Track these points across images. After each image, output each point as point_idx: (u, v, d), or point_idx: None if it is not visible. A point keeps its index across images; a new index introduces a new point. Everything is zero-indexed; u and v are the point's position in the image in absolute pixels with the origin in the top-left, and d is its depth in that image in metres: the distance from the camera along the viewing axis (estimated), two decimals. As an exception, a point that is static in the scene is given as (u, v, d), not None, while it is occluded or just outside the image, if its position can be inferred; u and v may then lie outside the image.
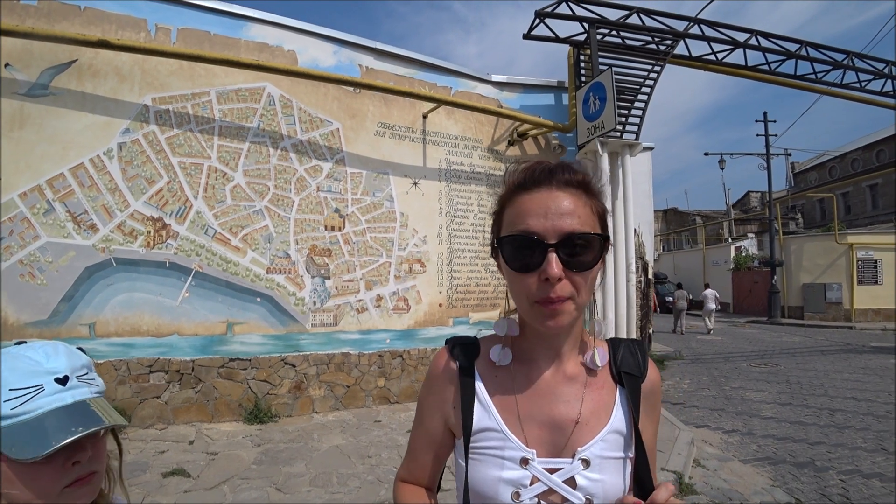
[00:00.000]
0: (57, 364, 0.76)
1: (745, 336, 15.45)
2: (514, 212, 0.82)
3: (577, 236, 0.76)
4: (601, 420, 0.84)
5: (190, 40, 5.66)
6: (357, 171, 6.57)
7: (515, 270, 0.79)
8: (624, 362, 0.90)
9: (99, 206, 5.26)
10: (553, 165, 0.83)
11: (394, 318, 6.73)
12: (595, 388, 0.87)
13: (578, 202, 0.80)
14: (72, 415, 0.74)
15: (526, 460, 0.82)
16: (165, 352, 5.38)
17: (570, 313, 0.78)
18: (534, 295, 0.77)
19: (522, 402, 0.86)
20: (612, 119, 6.44)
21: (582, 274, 0.77)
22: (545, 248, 0.76)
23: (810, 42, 8.40)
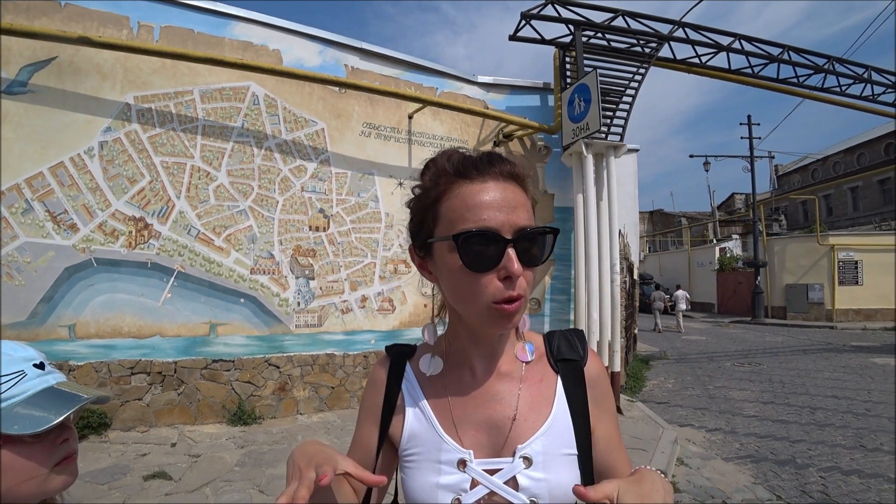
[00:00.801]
0: (29, 353, 0.80)
1: (729, 336, 15.63)
2: (461, 203, 0.74)
3: (531, 231, 0.73)
4: (541, 414, 0.80)
5: (173, 38, 5.60)
6: (342, 172, 6.54)
7: (473, 270, 0.72)
8: (560, 350, 0.87)
9: (79, 206, 5.18)
10: (489, 155, 0.78)
11: (379, 319, 6.71)
12: (532, 382, 0.83)
13: (521, 195, 0.76)
14: (56, 395, 0.78)
15: (464, 462, 0.78)
16: (147, 353, 5.31)
17: (521, 312, 0.75)
18: (492, 295, 0.71)
19: (456, 404, 0.82)
20: (596, 121, 6.48)
21: (532, 270, 0.75)
22: (504, 244, 0.71)
23: (792, 46, 8.52)
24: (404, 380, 0.89)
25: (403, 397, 0.87)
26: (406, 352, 0.93)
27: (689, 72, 8.24)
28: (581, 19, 7.14)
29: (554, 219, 7.90)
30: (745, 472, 4.48)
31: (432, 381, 0.86)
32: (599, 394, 0.86)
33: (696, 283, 27.77)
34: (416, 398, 0.86)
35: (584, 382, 0.84)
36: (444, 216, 0.76)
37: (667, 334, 16.44)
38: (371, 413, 0.89)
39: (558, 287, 7.85)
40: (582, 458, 0.80)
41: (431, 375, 0.86)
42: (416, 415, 0.84)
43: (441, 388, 0.85)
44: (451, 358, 0.87)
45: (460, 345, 0.85)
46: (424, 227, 0.81)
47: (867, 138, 30.83)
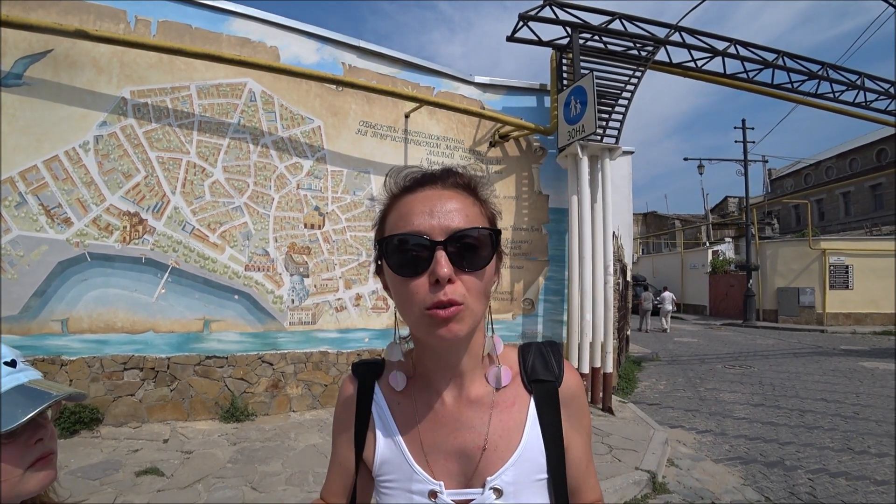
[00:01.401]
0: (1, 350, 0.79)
1: (721, 338, 15.74)
2: (398, 214, 0.75)
3: (466, 233, 0.71)
4: (511, 443, 0.78)
5: (170, 33, 5.58)
6: (338, 170, 6.55)
7: (401, 275, 0.71)
8: (534, 369, 0.84)
9: (73, 200, 5.16)
10: (439, 170, 0.79)
11: (373, 317, 6.72)
12: (504, 408, 0.81)
13: (466, 202, 0.75)
14: (29, 392, 0.77)
15: (434, 493, 0.77)
16: (140, 349, 5.30)
17: (464, 320, 0.70)
18: (423, 301, 0.69)
19: (426, 431, 0.81)
20: (592, 123, 6.51)
21: (474, 274, 0.71)
22: (433, 247, 0.69)
23: (787, 52, 8.60)
24: (374, 402, 0.87)
25: (374, 420, 0.86)
26: (374, 371, 0.91)
27: (685, 75, 8.29)
28: (578, 22, 7.17)
29: (549, 220, 7.94)
30: (734, 474, 4.53)
31: (401, 404, 0.85)
32: (573, 413, 0.83)
33: (688, 286, 27.93)
34: (386, 422, 0.84)
35: (558, 403, 0.82)
36: (386, 230, 0.77)
37: (658, 336, 16.54)
38: (344, 433, 0.89)
39: (552, 288, 7.89)
40: (554, 481, 0.79)
41: (401, 398, 0.85)
42: (386, 441, 0.83)
43: (411, 412, 0.83)
44: (418, 380, 0.85)
45: (427, 366, 0.83)
46: (376, 245, 0.81)
47: (859, 144, 31.08)
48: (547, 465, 0.78)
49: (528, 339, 7.65)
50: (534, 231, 7.91)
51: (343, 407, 0.90)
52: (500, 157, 7.82)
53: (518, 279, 7.74)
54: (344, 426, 0.89)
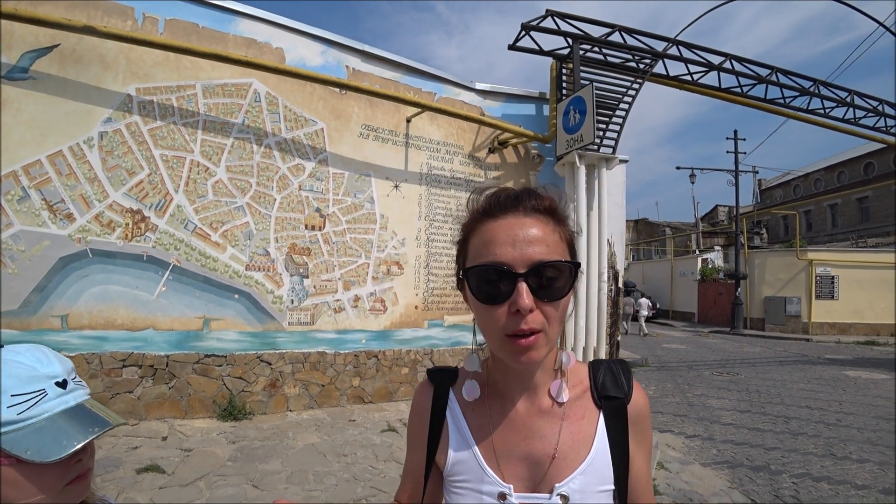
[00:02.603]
0: (53, 369, 0.77)
1: (709, 346, 15.95)
2: (480, 241, 0.78)
3: (546, 265, 0.73)
4: (580, 453, 0.81)
5: (177, 32, 5.62)
6: (339, 172, 6.61)
7: (483, 303, 0.75)
8: (605, 386, 0.87)
9: (77, 196, 5.18)
10: (519, 191, 0.81)
11: (370, 319, 6.79)
12: (574, 420, 0.84)
13: (546, 228, 0.77)
14: (78, 416, 0.77)
15: (504, 495, 0.80)
16: (140, 346, 5.32)
17: (542, 347, 0.74)
18: (504, 328, 0.73)
19: (498, 437, 0.84)
20: (590, 133, 6.63)
21: (553, 304, 0.74)
22: (514, 278, 0.72)
23: (780, 68, 8.79)
24: (448, 407, 0.91)
25: (448, 425, 0.90)
26: (448, 378, 0.95)
27: (682, 88, 8.45)
28: (579, 33, 7.29)
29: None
30: (721, 477, 4.64)
31: (475, 411, 0.88)
32: (639, 430, 0.86)
33: (677, 293, 28.22)
34: (459, 427, 0.88)
35: (626, 420, 0.85)
36: (470, 253, 0.81)
37: (647, 342, 16.73)
38: (417, 440, 0.93)
39: (546, 293, 7.98)
40: (619, 493, 0.82)
41: (475, 404, 0.89)
42: (459, 443, 0.87)
43: (484, 418, 0.87)
44: (493, 388, 0.89)
45: (501, 377, 0.87)
46: (459, 262, 0.85)
47: (848, 157, 31.63)
48: (613, 477, 0.82)
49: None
50: (530, 236, 8.00)
51: (418, 412, 0.94)
52: (499, 164, 7.93)
53: (513, 284, 7.84)
54: (418, 431, 0.93)
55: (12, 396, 0.72)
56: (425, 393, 0.95)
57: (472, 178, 7.68)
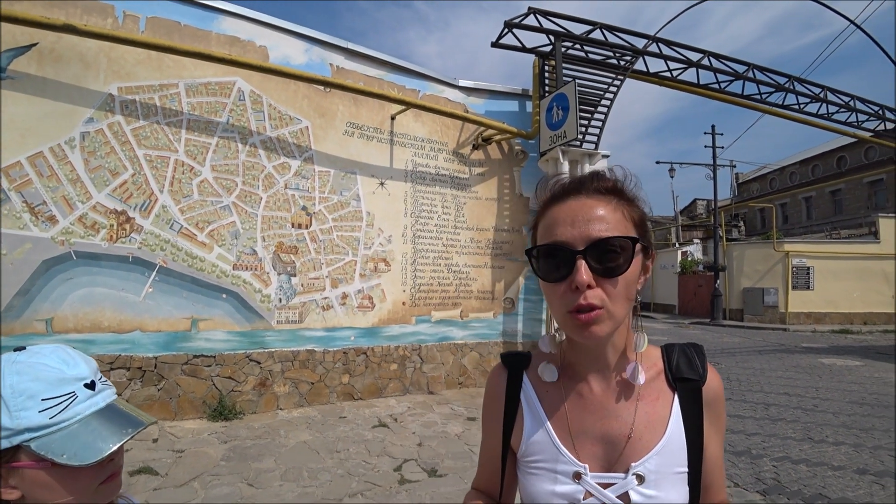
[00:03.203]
0: (80, 370, 0.77)
1: (690, 336, 16.25)
2: (545, 224, 0.82)
3: (604, 241, 0.75)
4: (656, 434, 0.82)
5: (159, 30, 5.56)
6: (325, 170, 6.61)
7: (547, 281, 0.79)
8: (679, 368, 0.86)
9: (59, 198, 5.11)
10: (585, 175, 0.83)
11: (358, 316, 6.81)
12: (649, 401, 0.84)
13: (608, 207, 0.79)
14: (109, 417, 0.77)
15: (579, 475, 0.81)
16: (127, 348, 5.28)
17: (604, 323, 0.75)
18: (566, 304, 0.76)
19: (574, 417, 0.85)
20: (573, 129, 6.73)
21: (612, 280, 0.75)
22: (573, 256, 0.75)
23: (757, 65, 9.00)
24: (522, 390, 0.92)
25: (522, 407, 0.91)
26: (522, 361, 0.96)
27: (661, 84, 8.60)
28: (561, 30, 7.39)
29: (529, 221, 8.13)
30: (706, 466, 4.78)
31: (549, 392, 0.89)
32: (714, 414, 0.86)
33: (658, 285, 28.65)
34: (534, 408, 0.89)
35: (701, 402, 0.85)
36: (538, 237, 0.85)
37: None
38: (493, 426, 0.95)
39: (532, 287, 8.10)
40: (692, 475, 0.81)
41: (550, 386, 0.90)
42: (534, 424, 0.88)
43: (558, 399, 0.88)
44: (567, 370, 0.89)
45: (576, 358, 0.88)
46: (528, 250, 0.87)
47: (821, 151, 32.38)
48: (688, 459, 0.81)
49: (509, 337, 7.88)
50: (514, 232, 8.10)
51: (492, 397, 0.96)
52: (483, 160, 7.99)
53: (499, 279, 7.93)
54: (493, 415, 0.95)
55: (43, 401, 0.71)
56: (499, 377, 0.96)
57: (456, 174, 7.74)
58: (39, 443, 0.70)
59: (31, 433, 0.70)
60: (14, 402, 0.69)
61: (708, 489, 0.86)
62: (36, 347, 0.77)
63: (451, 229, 7.65)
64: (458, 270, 7.66)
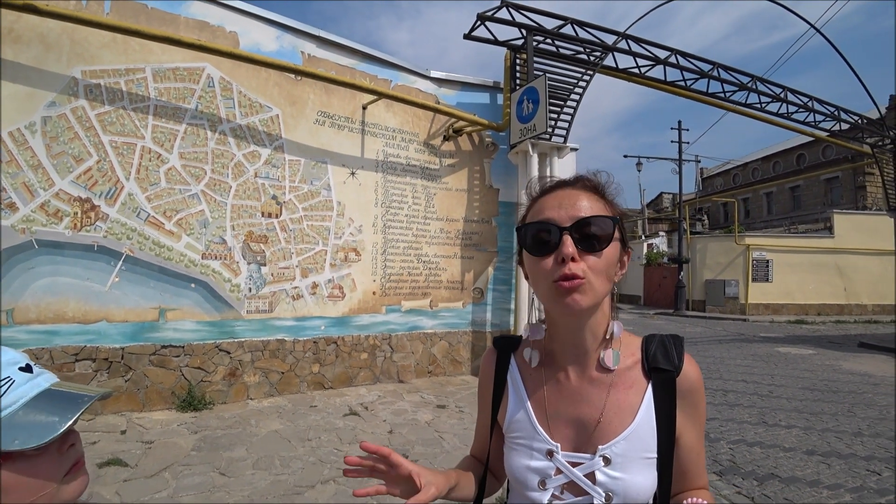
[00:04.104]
0: (11, 356, 0.71)
1: (654, 326, 16.71)
2: (534, 211, 0.90)
3: (587, 219, 0.83)
4: (624, 420, 0.87)
5: (125, 12, 5.41)
6: (295, 159, 6.57)
7: (534, 255, 0.86)
8: (655, 358, 0.91)
9: (19, 184, 4.96)
10: (573, 177, 0.93)
11: (329, 306, 6.82)
12: (621, 389, 0.90)
13: (592, 198, 0.88)
14: (54, 398, 0.70)
15: (551, 452, 0.89)
16: (93, 339, 5.18)
17: (586, 293, 0.82)
18: (551, 275, 0.83)
19: (551, 400, 0.93)
20: (543, 123, 6.84)
21: (595, 254, 0.83)
22: (560, 232, 0.83)
23: (721, 64, 9.27)
24: (509, 371, 1.02)
25: (508, 386, 1.01)
26: (512, 344, 1.06)
27: (630, 80, 8.78)
28: (533, 25, 7.47)
29: (498, 213, 8.25)
30: (666, 449, 4.99)
31: (533, 376, 0.98)
32: (689, 403, 0.90)
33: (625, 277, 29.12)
34: (518, 389, 0.99)
35: (674, 392, 0.89)
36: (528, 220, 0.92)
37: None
38: (484, 401, 1.06)
39: (500, 277, 8.23)
40: (661, 462, 0.87)
41: (533, 370, 0.98)
42: (516, 404, 0.97)
43: (539, 383, 0.96)
44: (548, 358, 0.97)
45: (556, 345, 0.95)
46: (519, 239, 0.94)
47: (782, 148, 33.52)
48: (658, 445, 0.87)
49: (478, 326, 8.00)
50: (484, 223, 8.20)
51: (484, 375, 1.07)
52: (454, 151, 8.05)
53: (468, 269, 8.03)
54: (485, 391, 1.06)
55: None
56: (490, 358, 1.07)
57: (427, 165, 7.78)
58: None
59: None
60: None
61: (685, 475, 0.91)
62: None
63: (421, 220, 7.70)
64: (427, 260, 7.73)
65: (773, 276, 20.52)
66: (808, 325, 17.64)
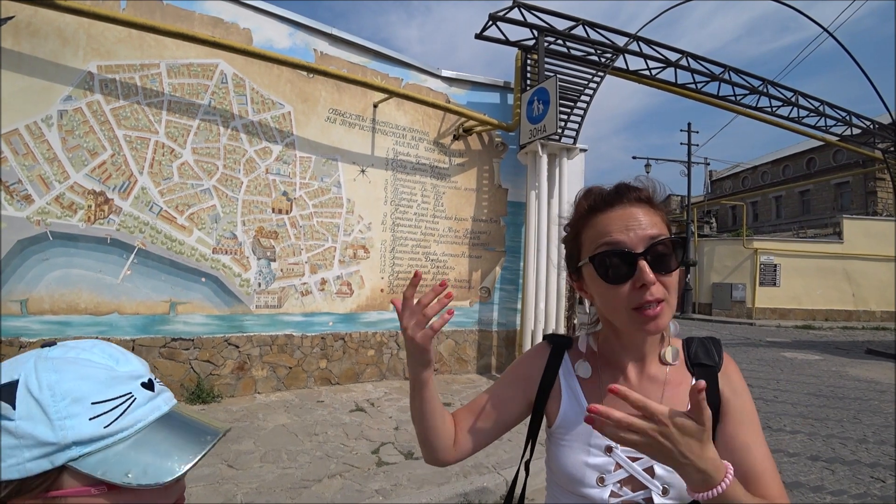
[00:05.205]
0: (134, 367, 0.62)
1: (660, 329, 16.68)
2: (595, 233, 0.90)
3: (659, 242, 0.84)
4: None
5: (141, 8, 5.46)
6: (306, 156, 6.61)
7: (610, 283, 0.85)
8: (697, 355, 0.96)
9: (35, 177, 5.03)
10: (619, 186, 0.92)
11: (337, 302, 6.87)
12: (674, 385, 0.94)
13: (649, 213, 0.89)
14: (174, 427, 0.60)
15: (610, 448, 0.90)
16: (104, 331, 5.25)
17: (666, 314, 0.84)
18: (631, 302, 0.83)
19: (609, 398, 0.90)
20: (553, 123, 6.85)
21: (670, 276, 0.84)
22: (634, 258, 0.83)
23: (732, 67, 9.24)
24: (562, 368, 1.03)
25: (560, 382, 1.01)
26: (564, 343, 1.07)
27: (640, 82, 8.78)
28: (545, 25, 7.48)
29: (507, 212, 8.27)
30: (670, 451, 5.01)
31: (590, 386, 0.99)
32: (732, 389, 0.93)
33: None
34: (573, 389, 0.99)
35: (717, 386, 0.92)
36: (585, 245, 0.92)
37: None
38: (521, 381, 1.05)
39: (507, 277, 8.25)
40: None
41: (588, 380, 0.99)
42: (570, 403, 0.98)
43: (596, 386, 0.98)
44: (604, 362, 0.99)
45: (613, 349, 0.98)
46: (573, 256, 0.97)
47: (792, 152, 33.27)
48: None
49: (484, 325, 8.03)
50: (492, 223, 8.23)
51: (531, 360, 1.06)
52: (463, 150, 8.07)
53: (476, 268, 8.06)
54: (526, 372, 1.05)
55: (93, 405, 0.54)
56: (542, 349, 1.08)
57: (436, 164, 7.81)
58: (93, 460, 0.53)
59: (80, 448, 0.53)
60: (55, 407, 0.52)
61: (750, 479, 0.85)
62: (70, 342, 0.61)
63: (429, 218, 7.73)
64: (436, 259, 7.76)
65: (780, 280, 20.43)
66: (815, 330, 17.55)
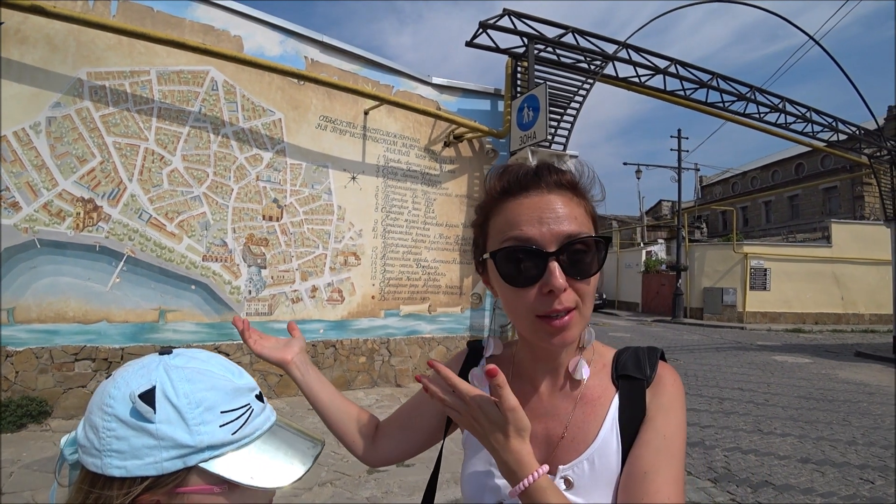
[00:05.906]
0: (248, 380, 0.67)
1: (652, 334, 16.75)
2: (503, 221, 0.75)
3: (577, 241, 0.70)
4: (588, 436, 0.77)
5: (131, 15, 5.46)
6: (297, 163, 6.61)
7: (513, 285, 0.72)
8: (625, 366, 0.82)
9: (22, 184, 4.99)
10: (537, 167, 0.77)
11: (328, 309, 6.85)
12: (588, 401, 0.80)
13: (571, 203, 0.74)
14: (282, 437, 0.68)
15: None
16: (93, 339, 5.21)
17: (576, 326, 0.72)
18: (536, 309, 0.71)
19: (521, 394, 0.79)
20: (543, 130, 6.89)
21: (585, 281, 0.71)
22: (545, 258, 0.69)
23: (721, 74, 9.35)
24: (476, 374, 0.92)
25: None
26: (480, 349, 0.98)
27: (630, 89, 8.85)
28: (535, 33, 7.54)
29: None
30: (661, 456, 5.03)
31: None
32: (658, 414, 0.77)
33: (623, 284, 29.34)
34: None
35: (643, 405, 0.77)
36: (491, 234, 0.78)
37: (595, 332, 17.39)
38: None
39: (501, 284, 8.25)
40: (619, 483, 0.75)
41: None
42: None
43: None
44: (518, 368, 0.87)
45: (524, 357, 0.86)
46: (479, 245, 0.83)
47: (781, 157, 33.66)
48: (621, 462, 0.74)
49: (476, 331, 8.03)
50: (485, 229, 8.23)
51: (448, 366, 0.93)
52: (454, 157, 8.10)
53: (467, 274, 8.07)
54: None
55: (222, 413, 0.60)
56: (460, 355, 1.02)
57: (427, 170, 7.82)
58: (220, 463, 0.59)
59: (211, 451, 0.59)
60: (191, 414, 0.58)
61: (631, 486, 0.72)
62: (187, 352, 0.67)
63: (420, 225, 7.74)
64: (426, 265, 7.77)
65: (770, 284, 20.59)
66: (805, 333, 17.69)
